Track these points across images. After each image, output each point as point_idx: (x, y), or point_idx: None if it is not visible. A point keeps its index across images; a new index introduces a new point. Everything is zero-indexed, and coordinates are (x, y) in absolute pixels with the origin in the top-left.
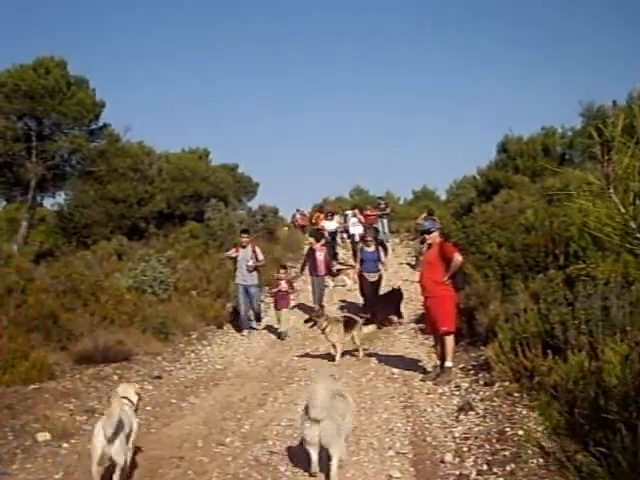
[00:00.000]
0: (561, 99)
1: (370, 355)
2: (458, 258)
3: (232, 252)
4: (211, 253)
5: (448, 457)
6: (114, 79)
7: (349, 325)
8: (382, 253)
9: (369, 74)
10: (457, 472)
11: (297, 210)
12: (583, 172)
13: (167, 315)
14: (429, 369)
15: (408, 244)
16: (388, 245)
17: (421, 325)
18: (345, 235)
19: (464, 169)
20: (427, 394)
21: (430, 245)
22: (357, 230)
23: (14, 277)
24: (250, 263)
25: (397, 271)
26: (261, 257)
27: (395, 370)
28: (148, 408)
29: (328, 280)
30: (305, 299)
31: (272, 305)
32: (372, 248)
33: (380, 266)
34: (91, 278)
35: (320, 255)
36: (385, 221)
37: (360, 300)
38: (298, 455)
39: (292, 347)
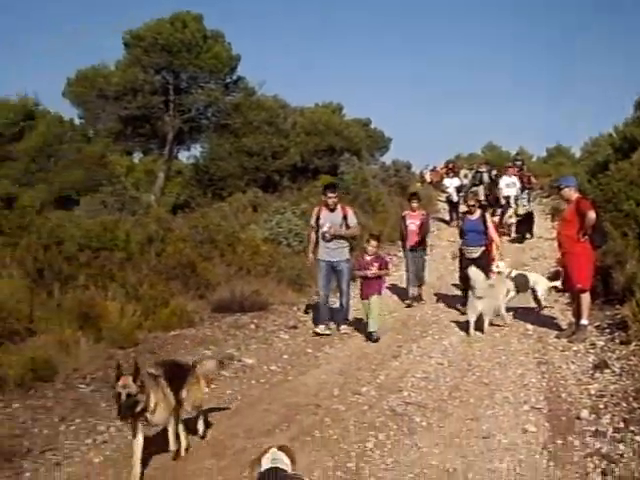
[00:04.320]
0: None
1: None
2: (592, 215)
3: (313, 217)
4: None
5: (584, 413)
6: (249, 32)
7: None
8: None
9: (507, 28)
10: (593, 428)
11: (426, 166)
12: None
13: (302, 267)
14: (564, 326)
15: (541, 201)
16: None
17: (555, 282)
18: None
19: (599, 126)
20: (562, 351)
21: (568, 201)
22: (512, 192)
23: (154, 226)
24: (325, 229)
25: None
26: (354, 223)
27: (529, 327)
28: (285, 357)
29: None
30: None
31: (358, 293)
32: (475, 216)
33: (485, 239)
34: (227, 229)
35: (413, 224)
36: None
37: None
38: (433, 406)
39: (426, 302)
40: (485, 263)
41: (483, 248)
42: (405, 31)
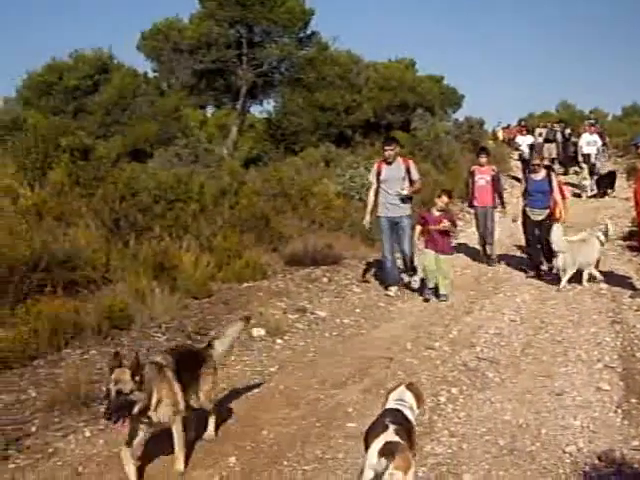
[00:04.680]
0: None
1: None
2: None
3: (374, 172)
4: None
5: None
6: None
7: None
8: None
9: None
10: None
11: (499, 123)
12: None
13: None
14: (638, 286)
15: (616, 161)
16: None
17: (629, 242)
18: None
19: None
20: (636, 311)
21: None
22: (592, 150)
23: (227, 179)
24: (405, 192)
25: None
26: (417, 177)
27: (603, 286)
28: (357, 310)
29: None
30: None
31: (422, 247)
32: (540, 176)
33: (551, 201)
34: (300, 183)
35: (482, 179)
36: None
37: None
38: (506, 362)
39: (497, 260)
40: (548, 226)
41: (548, 210)
42: None
